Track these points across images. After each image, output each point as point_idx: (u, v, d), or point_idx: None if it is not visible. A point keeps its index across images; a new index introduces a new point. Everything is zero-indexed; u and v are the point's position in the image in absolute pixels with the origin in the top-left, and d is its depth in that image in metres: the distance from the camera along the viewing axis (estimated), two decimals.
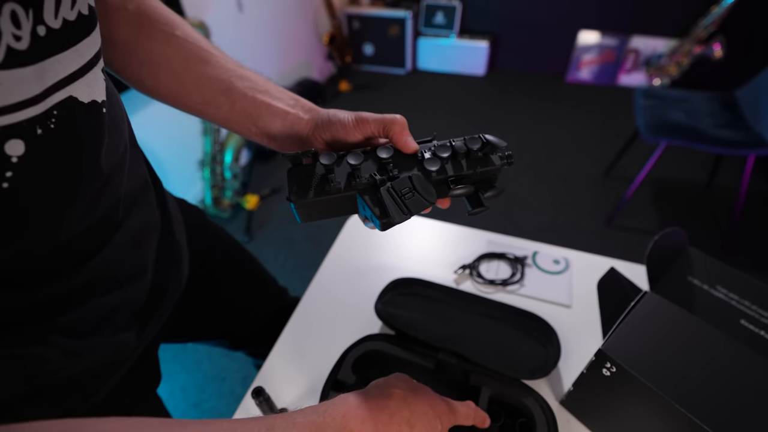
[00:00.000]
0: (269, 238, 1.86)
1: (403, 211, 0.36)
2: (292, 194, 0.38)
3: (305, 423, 0.31)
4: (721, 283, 0.64)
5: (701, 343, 0.43)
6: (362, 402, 0.35)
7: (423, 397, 0.38)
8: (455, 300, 0.60)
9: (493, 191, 0.41)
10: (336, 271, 0.71)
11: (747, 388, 0.39)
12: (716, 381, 0.39)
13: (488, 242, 0.75)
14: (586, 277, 0.69)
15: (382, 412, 0.34)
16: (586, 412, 0.50)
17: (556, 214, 1.95)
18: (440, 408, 0.38)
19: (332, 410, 0.33)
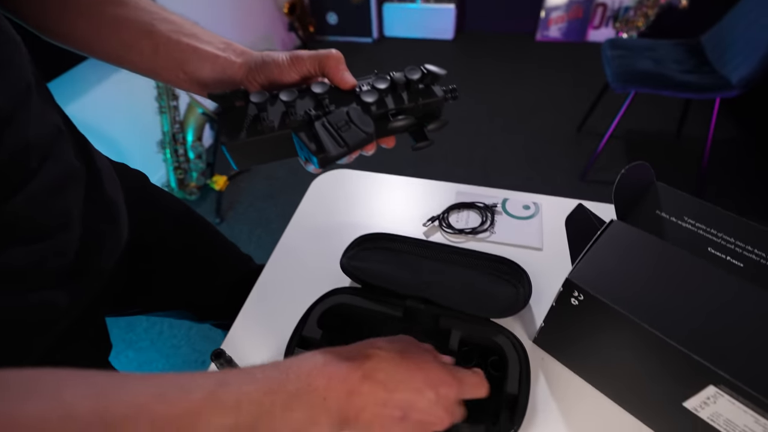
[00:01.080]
0: (241, 217, 1.81)
1: (340, 145, 0.35)
2: (223, 136, 0.35)
3: (264, 379, 0.28)
4: (688, 215, 0.63)
5: (670, 265, 0.41)
6: (332, 359, 0.31)
7: (414, 361, 0.34)
8: (423, 251, 0.58)
9: (437, 123, 0.40)
10: (301, 233, 0.68)
11: (718, 305, 0.38)
12: (687, 301, 0.38)
13: (457, 193, 0.73)
14: (557, 220, 0.67)
15: (354, 372, 0.31)
16: (559, 347, 0.49)
17: (531, 172, 1.95)
18: (436, 375, 0.35)
19: (296, 367, 0.30)
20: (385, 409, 0.31)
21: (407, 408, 0.32)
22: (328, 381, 0.30)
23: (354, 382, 0.31)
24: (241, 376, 0.28)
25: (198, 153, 1.77)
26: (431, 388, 0.34)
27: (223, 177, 1.86)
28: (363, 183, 0.76)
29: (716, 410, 0.36)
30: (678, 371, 0.37)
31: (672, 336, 0.35)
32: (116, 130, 1.53)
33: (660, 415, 0.42)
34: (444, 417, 0.34)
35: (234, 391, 0.26)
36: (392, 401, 0.32)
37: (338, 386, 0.30)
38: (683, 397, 0.38)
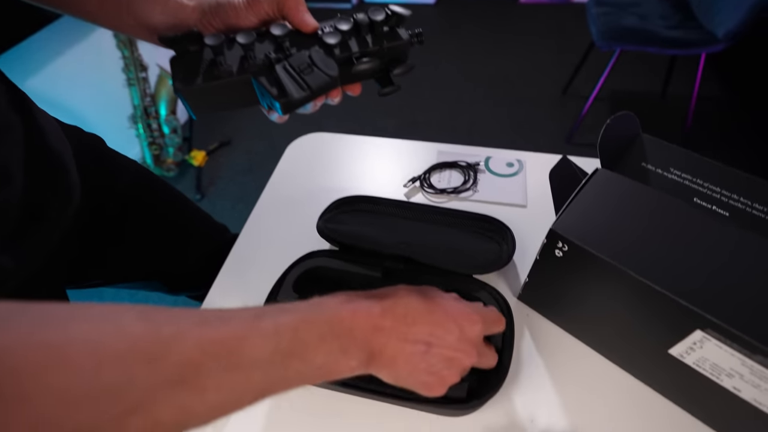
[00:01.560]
0: (222, 193, 1.77)
1: (303, 88, 0.33)
2: (178, 81, 0.33)
3: (296, 310, 0.28)
4: (674, 166, 0.62)
5: (655, 212, 0.40)
6: (354, 297, 0.31)
7: (436, 299, 0.34)
8: (404, 211, 0.55)
9: (403, 67, 0.38)
10: (277, 200, 0.65)
11: (703, 250, 0.36)
12: (672, 247, 0.37)
13: (439, 153, 0.70)
14: (541, 177, 0.65)
15: (376, 306, 0.30)
16: (544, 302, 0.47)
17: (515, 136, 1.93)
18: (459, 311, 0.34)
19: (323, 302, 0.30)
20: (407, 344, 0.31)
21: (431, 342, 0.32)
22: (353, 314, 0.29)
23: (376, 316, 0.30)
24: (274, 308, 0.28)
25: (173, 127, 1.70)
26: (454, 322, 0.33)
27: (202, 152, 1.80)
28: (340, 146, 0.73)
29: (702, 355, 0.35)
30: (663, 318, 0.35)
31: (658, 282, 0.34)
32: (82, 104, 1.45)
33: (645, 365, 0.42)
34: (470, 353, 0.33)
35: (271, 320, 0.26)
36: (415, 335, 0.31)
37: (363, 320, 0.30)
38: (669, 345, 0.37)
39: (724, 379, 0.35)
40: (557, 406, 0.42)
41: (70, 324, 0.20)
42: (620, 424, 0.41)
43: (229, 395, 0.24)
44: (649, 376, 0.42)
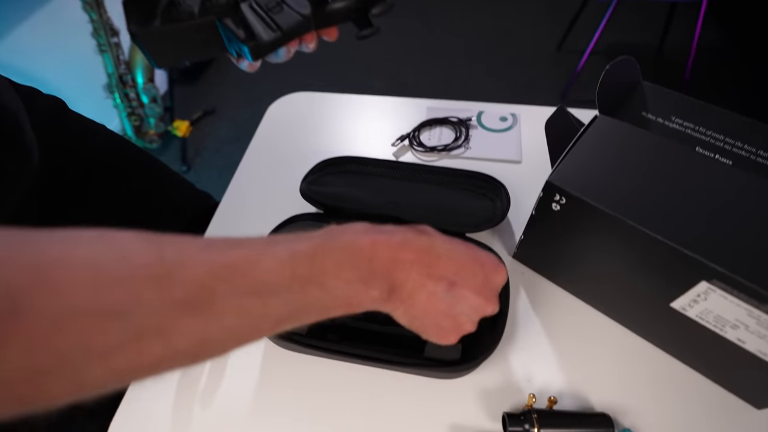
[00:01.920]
0: (208, 163, 1.72)
1: (272, 29, 0.30)
2: (132, 24, 0.30)
3: (310, 238, 0.26)
4: (675, 114, 0.59)
5: (658, 159, 0.37)
6: (372, 227, 0.28)
7: (459, 241, 0.31)
8: (392, 171, 0.52)
9: (382, 6, 0.34)
10: (258, 164, 0.62)
11: (707, 197, 0.34)
12: (676, 195, 0.34)
13: (428, 109, 0.66)
14: (536, 130, 0.62)
15: (396, 237, 0.28)
16: (540, 259, 0.45)
17: (509, 95, 1.87)
18: (484, 256, 0.31)
19: (338, 231, 0.27)
20: (429, 279, 0.28)
21: (455, 282, 0.29)
22: (372, 244, 0.27)
23: (397, 248, 0.27)
24: (288, 237, 0.26)
25: (152, 96, 1.62)
26: (481, 267, 0.30)
27: (185, 122, 1.74)
28: (324, 105, 0.69)
29: (706, 307, 0.33)
30: (666, 270, 0.34)
31: (662, 232, 0.32)
32: (52, 74, 1.37)
33: (646, 320, 0.40)
34: (492, 301, 0.31)
35: (285, 246, 0.24)
36: (437, 271, 0.29)
37: (383, 250, 0.27)
38: (671, 298, 0.35)
39: (728, 331, 0.33)
40: (554, 365, 0.41)
41: (64, 245, 0.19)
42: (619, 380, 0.40)
43: (247, 321, 0.22)
44: (648, 331, 0.41)
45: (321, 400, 0.40)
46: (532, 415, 0.36)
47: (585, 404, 0.39)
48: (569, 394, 0.39)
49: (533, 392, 0.39)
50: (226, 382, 0.42)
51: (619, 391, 0.39)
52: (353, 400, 0.40)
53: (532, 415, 0.36)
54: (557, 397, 0.39)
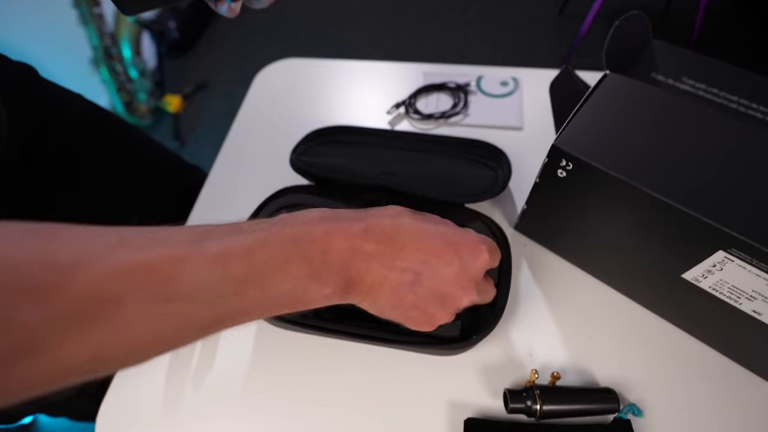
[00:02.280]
0: (203, 139, 1.67)
1: None
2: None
3: (251, 230, 0.22)
4: (687, 74, 0.55)
5: (674, 120, 0.34)
6: (329, 213, 0.26)
7: (431, 220, 0.28)
8: (386, 140, 0.49)
9: None
10: (247, 135, 0.59)
11: (727, 161, 0.31)
12: (694, 159, 0.32)
13: (425, 74, 0.62)
14: (539, 95, 0.59)
15: (356, 224, 0.25)
16: (543, 230, 0.43)
17: (508, 62, 1.81)
18: (459, 237, 0.27)
19: (289, 218, 0.24)
20: (392, 271, 0.25)
21: (421, 272, 0.26)
22: (327, 234, 0.24)
23: (357, 237, 0.24)
24: (225, 227, 0.22)
25: (140, 69, 1.57)
26: (454, 252, 0.26)
27: (177, 96, 1.68)
28: (315, 72, 0.65)
29: (721, 278, 0.31)
30: (680, 239, 0.31)
31: (678, 200, 0.29)
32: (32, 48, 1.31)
33: (654, 292, 0.38)
34: (468, 290, 0.27)
35: (217, 242, 0.21)
36: (403, 262, 0.25)
37: (339, 240, 0.24)
38: (683, 269, 0.33)
39: (743, 302, 0.32)
40: (557, 339, 0.40)
41: None
42: (625, 354, 0.38)
43: (161, 331, 0.20)
44: (656, 304, 0.39)
45: (316, 380, 0.38)
46: (535, 391, 0.35)
47: (589, 379, 0.37)
48: (573, 369, 0.38)
49: (535, 368, 0.38)
50: (218, 362, 0.40)
51: (624, 365, 0.38)
52: (349, 379, 0.38)
53: (534, 391, 0.35)
54: (560, 372, 0.37)
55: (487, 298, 0.32)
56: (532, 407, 0.34)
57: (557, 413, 0.35)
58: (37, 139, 0.44)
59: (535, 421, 0.35)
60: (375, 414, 0.37)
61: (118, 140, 0.54)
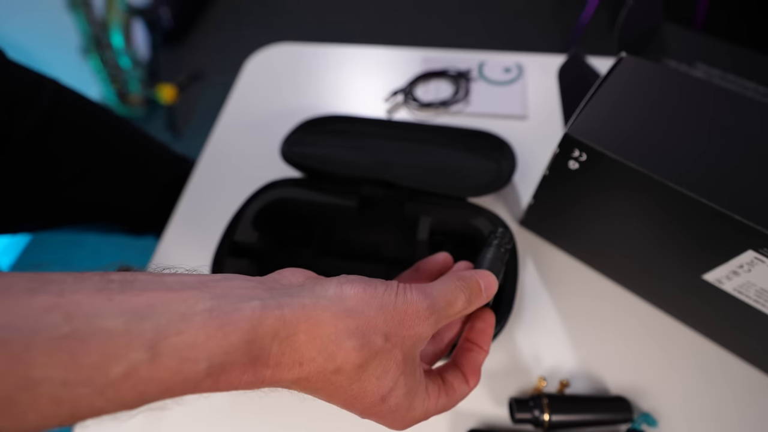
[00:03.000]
0: (199, 131, 1.64)
1: None
2: None
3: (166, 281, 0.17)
4: (700, 59, 0.52)
5: (699, 106, 0.31)
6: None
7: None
8: (383, 130, 0.46)
9: None
10: (237, 124, 0.56)
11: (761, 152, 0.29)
12: (724, 150, 0.28)
13: (424, 60, 0.59)
14: (544, 82, 0.56)
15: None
16: (552, 226, 0.40)
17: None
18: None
19: (223, 281, 0.19)
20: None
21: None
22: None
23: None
24: (134, 274, 0.17)
25: (133, 59, 1.53)
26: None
27: (170, 86, 1.64)
28: (308, 58, 0.62)
29: (748, 280, 0.29)
30: (706, 238, 0.28)
31: (706, 195, 0.26)
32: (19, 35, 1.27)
33: (671, 294, 0.36)
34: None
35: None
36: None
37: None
38: (705, 269, 0.30)
39: None
40: (565, 344, 0.37)
41: None
42: (638, 360, 0.36)
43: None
44: (673, 306, 0.37)
45: None
46: (542, 399, 0.32)
47: (600, 386, 0.35)
48: (582, 375, 0.35)
49: (543, 375, 0.35)
50: None
51: (637, 371, 0.35)
52: None
53: (542, 399, 0.32)
54: (569, 379, 0.35)
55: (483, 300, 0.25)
56: (540, 417, 0.32)
57: (567, 424, 0.32)
58: (3, 125, 0.41)
59: None
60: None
61: (99, 129, 0.50)
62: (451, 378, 0.24)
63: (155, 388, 0.15)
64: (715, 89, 0.32)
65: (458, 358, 0.25)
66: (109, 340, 0.14)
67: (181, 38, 1.91)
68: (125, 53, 1.50)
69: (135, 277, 0.17)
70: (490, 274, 0.25)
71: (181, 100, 1.70)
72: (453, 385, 0.24)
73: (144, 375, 0.15)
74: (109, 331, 0.15)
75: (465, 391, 0.24)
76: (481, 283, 0.24)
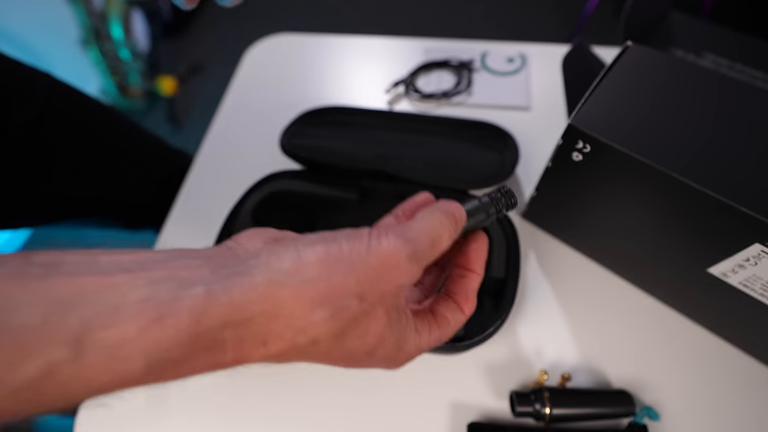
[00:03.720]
0: (200, 123, 1.63)
1: None
2: None
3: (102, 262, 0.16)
4: (708, 48, 0.52)
5: (709, 97, 0.30)
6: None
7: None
8: (384, 122, 0.46)
9: None
10: (236, 116, 0.55)
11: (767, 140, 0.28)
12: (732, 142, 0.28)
13: (425, 50, 0.58)
14: (548, 72, 0.55)
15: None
16: (554, 219, 0.40)
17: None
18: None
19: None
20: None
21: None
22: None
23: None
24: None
25: (132, 51, 1.51)
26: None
27: (171, 78, 1.63)
28: (308, 48, 0.61)
29: (754, 273, 0.28)
30: (712, 231, 0.28)
31: (714, 187, 0.26)
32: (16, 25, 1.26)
33: (674, 287, 0.35)
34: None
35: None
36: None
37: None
38: (710, 262, 0.30)
39: None
40: (567, 337, 0.37)
41: None
42: (640, 353, 0.36)
43: None
44: (676, 299, 0.36)
45: (312, 377, 0.36)
46: (544, 393, 0.32)
47: (601, 380, 0.35)
48: (584, 368, 0.35)
49: (544, 368, 0.35)
50: None
51: (639, 365, 0.35)
52: (346, 377, 0.36)
53: (543, 393, 0.32)
54: (571, 373, 0.34)
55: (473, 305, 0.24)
56: (541, 411, 0.32)
57: (568, 417, 0.32)
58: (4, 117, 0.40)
59: (544, 426, 0.32)
60: (373, 414, 0.34)
61: (94, 123, 0.50)
62: (443, 310, 0.23)
63: (84, 387, 0.14)
64: (721, 79, 0.31)
65: (450, 287, 0.24)
66: (22, 336, 0.13)
67: (180, 29, 1.90)
68: (125, 45, 1.49)
69: (62, 258, 0.15)
70: (455, 202, 0.23)
71: (181, 92, 1.69)
72: (446, 316, 0.23)
73: (67, 374, 0.13)
74: (22, 326, 0.13)
75: (460, 319, 0.23)
76: (456, 214, 0.22)
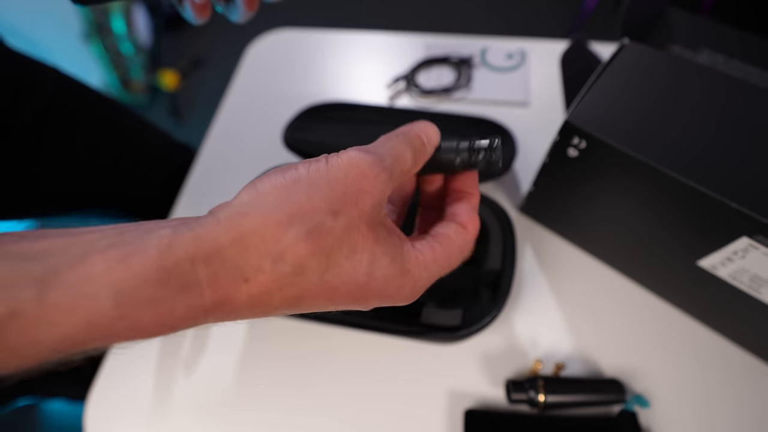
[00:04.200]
0: (202, 117, 1.64)
1: None
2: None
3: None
4: (705, 44, 0.52)
5: (702, 95, 0.31)
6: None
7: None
8: (385, 117, 0.47)
9: None
10: (239, 111, 0.56)
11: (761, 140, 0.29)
12: (723, 138, 0.29)
13: (426, 46, 0.59)
14: (547, 69, 0.55)
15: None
16: (551, 213, 0.41)
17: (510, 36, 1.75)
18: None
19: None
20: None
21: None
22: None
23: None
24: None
25: (135, 45, 1.52)
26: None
27: (173, 72, 1.64)
28: (310, 44, 0.61)
29: (742, 266, 0.29)
30: (702, 224, 0.29)
31: (704, 183, 0.27)
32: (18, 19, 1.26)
33: (665, 279, 0.36)
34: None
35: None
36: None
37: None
38: (699, 255, 0.31)
39: (764, 292, 0.29)
40: (562, 327, 0.38)
41: None
42: (632, 343, 0.37)
43: None
44: (667, 291, 0.37)
45: (312, 369, 0.37)
46: (538, 381, 0.33)
47: (594, 369, 0.36)
48: (577, 358, 0.36)
49: (539, 357, 0.36)
50: (210, 349, 0.39)
51: (631, 354, 0.36)
52: (346, 367, 0.37)
53: (537, 381, 0.33)
54: (565, 362, 0.36)
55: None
56: (536, 398, 0.33)
57: (561, 404, 0.33)
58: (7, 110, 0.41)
59: (538, 413, 0.34)
60: (372, 403, 0.35)
61: (100, 117, 0.51)
62: (444, 230, 0.21)
63: (50, 333, 0.13)
64: (717, 76, 0.32)
65: (449, 212, 0.22)
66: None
67: (182, 24, 1.90)
68: (127, 39, 1.49)
69: (41, 232, 0.15)
70: (429, 123, 0.22)
71: (183, 86, 1.70)
72: (448, 235, 0.21)
73: (32, 316, 0.13)
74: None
75: (464, 236, 0.21)
76: (423, 137, 0.21)
